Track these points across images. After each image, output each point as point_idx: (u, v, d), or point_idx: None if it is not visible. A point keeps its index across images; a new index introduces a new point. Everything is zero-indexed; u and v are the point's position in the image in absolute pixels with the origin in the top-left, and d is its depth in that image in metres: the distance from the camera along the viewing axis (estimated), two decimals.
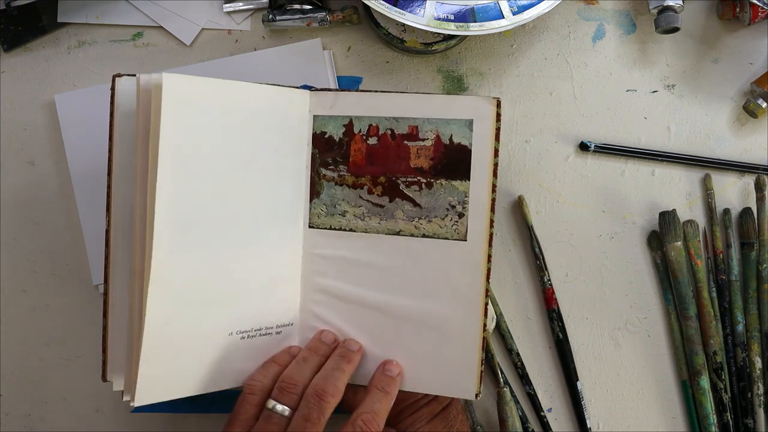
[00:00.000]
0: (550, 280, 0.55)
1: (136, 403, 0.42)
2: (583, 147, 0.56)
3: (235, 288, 0.46)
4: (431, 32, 0.55)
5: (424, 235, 0.47)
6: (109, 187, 0.44)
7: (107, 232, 0.44)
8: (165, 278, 0.42)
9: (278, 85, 0.47)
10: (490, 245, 0.46)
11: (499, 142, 0.45)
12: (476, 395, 0.46)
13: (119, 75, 0.44)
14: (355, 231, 0.48)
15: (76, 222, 0.56)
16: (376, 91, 0.48)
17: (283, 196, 0.48)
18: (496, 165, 0.45)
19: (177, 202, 0.43)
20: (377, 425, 0.43)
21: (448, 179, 0.46)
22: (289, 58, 0.56)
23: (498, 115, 0.45)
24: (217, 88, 0.44)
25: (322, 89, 0.49)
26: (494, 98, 0.45)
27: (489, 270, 0.46)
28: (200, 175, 0.44)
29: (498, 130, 0.45)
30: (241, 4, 0.58)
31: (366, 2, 0.51)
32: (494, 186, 0.45)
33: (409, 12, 0.51)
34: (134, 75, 0.43)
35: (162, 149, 0.41)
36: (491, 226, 0.46)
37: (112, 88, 0.44)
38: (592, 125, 0.57)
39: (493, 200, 0.46)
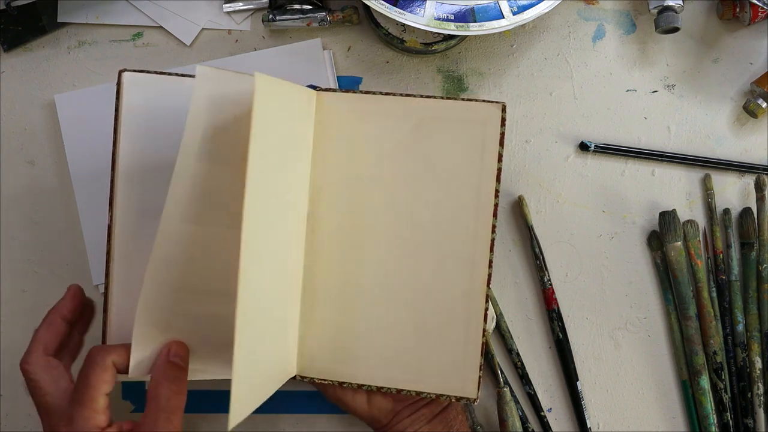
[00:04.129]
0: (550, 280, 0.55)
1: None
2: (583, 147, 0.56)
3: None
4: (431, 32, 0.55)
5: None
6: (112, 182, 0.44)
7: (109, 227, 0.44)
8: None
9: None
10: (491, 250, 0.46)
11: (503, 147, 0.46)
12: (475, 399, 0.46)
13: (125, 70, 0.44)
14: None
15: (76, 222, 0.56)
16: (374, 93, 0.47)
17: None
18: (499, 170, 0.46)
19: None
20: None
21: None
22: (289, 58, 0.56)
23: (503, 120, 0.46)
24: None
25: (327, 89, 0.48)
26: (500, 103, 0.46)
27: (490, 275, 0.46)
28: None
29: (502, 135, 0.46)
30: (241, 4, 0.58)
31: (366, 2, 0.51)
32: (497, 191, 0.46)
33: (409, 12, 0.51)
34: (140, 71, 0.44)
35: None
36: (493, 231, 0.46)
37: (118, 83, 0.44)
38: (592, 125, 0.57)
39: (496, 205, 0.46)
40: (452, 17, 0.51)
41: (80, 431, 0.41)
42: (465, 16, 0.51)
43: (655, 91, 0.57)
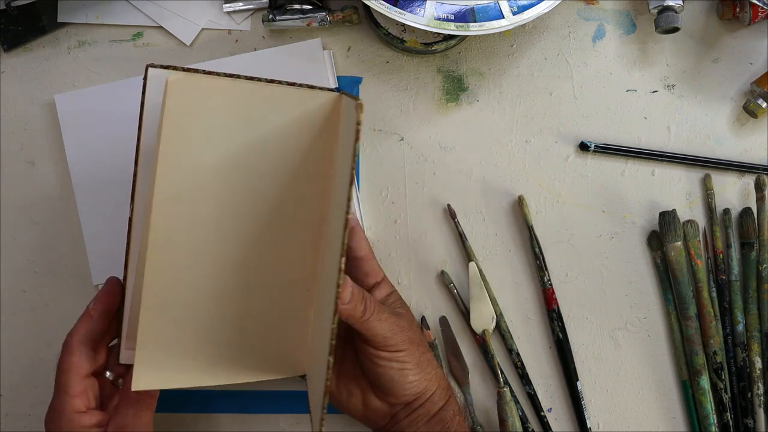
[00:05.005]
0: (550, 280, 0.55)
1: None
2: (583, 147, 0.56)
3: None
4: (431, 32, 0.55)
5: None
6: (135, 175, 0.45)
7: (130, 220, 0.45)
8: None
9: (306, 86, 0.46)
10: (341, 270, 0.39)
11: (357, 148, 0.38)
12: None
13: (152, 65, 0.44)
14: None
15: (76, 222, 0.56)
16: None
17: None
18: (351, 170, 0.39)
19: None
20: None
21: None
22: (289, 58, 0.56)
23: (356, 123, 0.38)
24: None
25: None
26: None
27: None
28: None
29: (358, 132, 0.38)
30: (241, 4, 0.58)
31: (366, 2, 0.51)
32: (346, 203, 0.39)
33: (409, 12, 0.51)
34: (165, 66, 0.44)
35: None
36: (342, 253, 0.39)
37: (145, 78, 0.44)
38: (592, 125, 0.57)
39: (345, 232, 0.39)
40: (452, 17, 0.51)
41: (58, 417, 0.43)
42: (465, 16, 0.51)
43: (655, 91, 0.57)
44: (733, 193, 0.56)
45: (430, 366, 0.49)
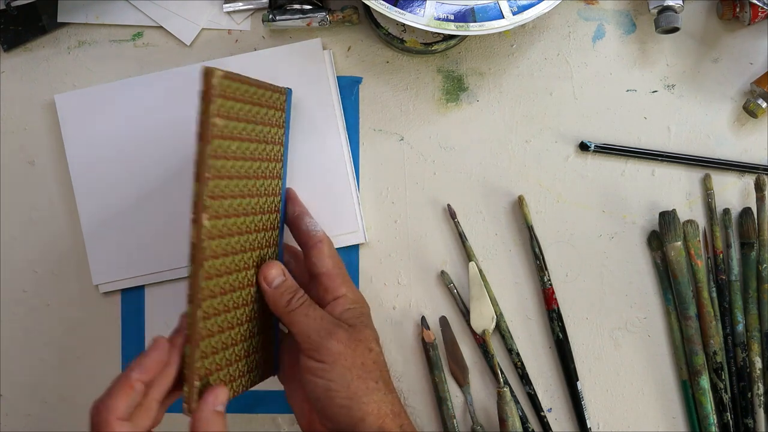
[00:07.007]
0: (550, 280, 0.55)
1: None
2: (583, 147, 0.56)
3: None
4: (431, 32, 0.55)
5: None
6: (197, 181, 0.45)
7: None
8: None
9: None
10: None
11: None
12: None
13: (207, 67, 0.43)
14: None
15: (76, 222, 0.56)
16: None
17: None
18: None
19: None
20: None
21: None
22: (289, 58, 0.56)
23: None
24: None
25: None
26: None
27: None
28: None
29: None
30: (241, 4, 0.58)
31: (366, 2, 0.51)
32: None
33: (409, 12, 0.51)
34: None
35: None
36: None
37: (204, 82, 0.44)
38: (592, 125, 0.57)
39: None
40: (452, 17, 0.51)
41: None
42: (465, 16, 0.51)
43: (655, 91, 0.57)
44: (733, 193, 0.56)
45: (371, 398, 0.42)
